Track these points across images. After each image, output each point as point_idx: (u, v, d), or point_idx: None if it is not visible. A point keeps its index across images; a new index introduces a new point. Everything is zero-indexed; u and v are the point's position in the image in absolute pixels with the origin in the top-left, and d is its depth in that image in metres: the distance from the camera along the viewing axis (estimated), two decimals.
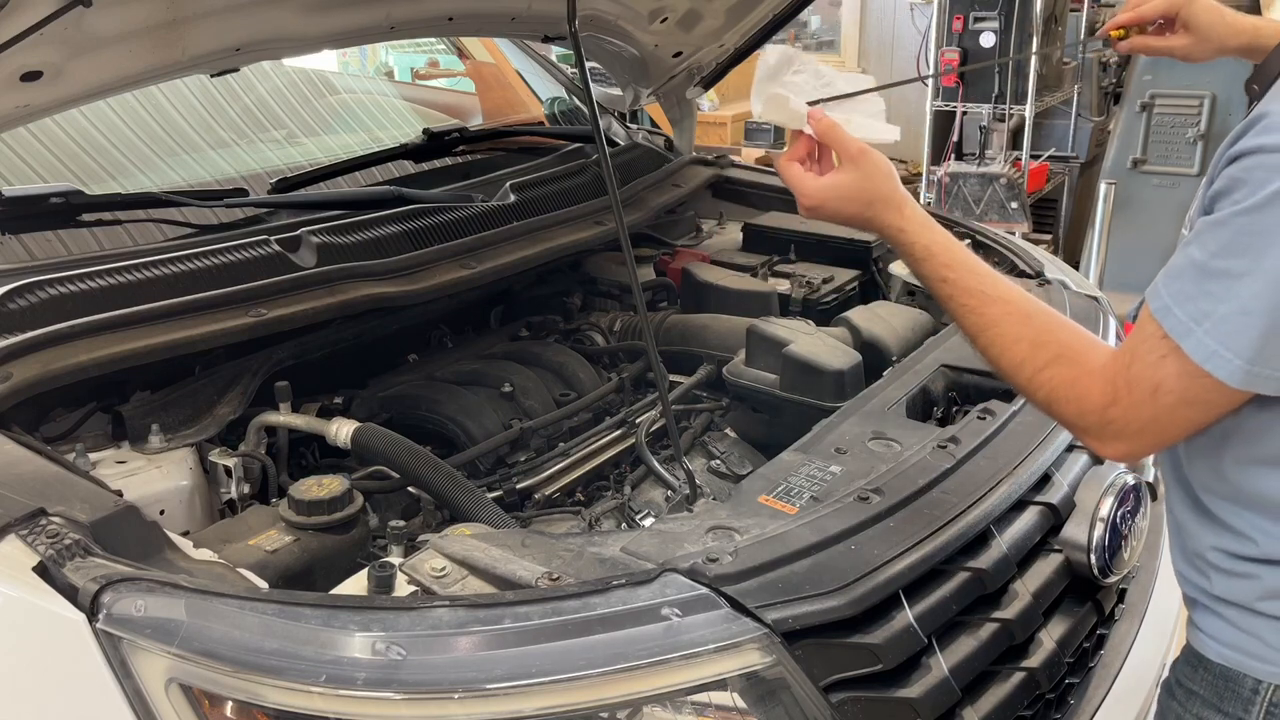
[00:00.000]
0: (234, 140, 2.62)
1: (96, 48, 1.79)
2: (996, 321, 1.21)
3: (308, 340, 1.94)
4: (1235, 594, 1.18)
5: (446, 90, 4.06)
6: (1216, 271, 1.06)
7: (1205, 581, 1.21)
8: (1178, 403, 1.09)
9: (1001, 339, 1.21)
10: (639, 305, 1.83)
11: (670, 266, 2.56)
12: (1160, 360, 1.09)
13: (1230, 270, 1.05)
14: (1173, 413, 1.10)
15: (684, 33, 2.71)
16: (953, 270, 1.25)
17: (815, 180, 1.30)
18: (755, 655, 1.18)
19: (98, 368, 1.62)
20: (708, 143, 6.79)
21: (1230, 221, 1.05)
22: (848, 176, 1.28)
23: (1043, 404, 1.21)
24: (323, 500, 1.48)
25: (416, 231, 2.15)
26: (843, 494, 1.44)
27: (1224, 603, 1.19)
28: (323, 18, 2.09)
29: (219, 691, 1.13)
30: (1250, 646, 1.16)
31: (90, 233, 2.06)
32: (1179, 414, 1.10)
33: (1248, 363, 1.04)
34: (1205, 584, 1.21)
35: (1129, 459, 1.26)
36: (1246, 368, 1.04)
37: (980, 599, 1.41)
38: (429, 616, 1.15)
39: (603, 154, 1.57)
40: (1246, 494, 1.16)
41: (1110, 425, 1.14)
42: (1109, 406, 1.13)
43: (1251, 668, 1.16)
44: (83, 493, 1.33)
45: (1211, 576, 1.20)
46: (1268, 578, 1.15)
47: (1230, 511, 1.17)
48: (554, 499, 1.86)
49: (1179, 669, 1.26)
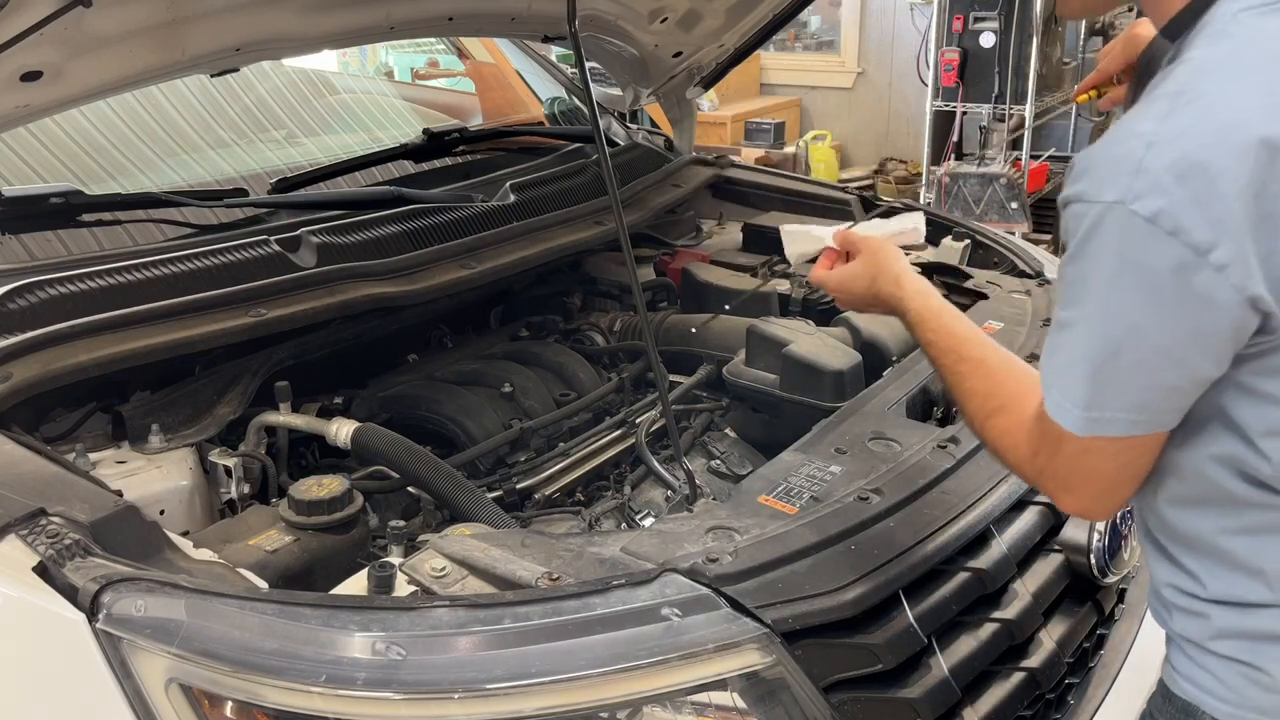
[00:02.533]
0: (234, 140, 2.62)
1: (96, 48, 1.79)
2: (965, 377, 1.29)
3: (308, 340, 1.94)
4: (1190, 632, 1.17)
5: (446, 90, 4.06)
6: (1057, 325, 1.09)
7: (1167, 617, 1.21)
8: (1079, 452, 1.09)
9: (965, 393, 1.28)
10: (639, 305, 1.83)
11: (670, 266, 2.56)
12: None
13: (1063, 321, 1.07)
14: (1080, 462, 1.10)
15: (684, 33, 2.71)
16: (937, 334, 1.35)
17: (834, 272, 1.55)
18: (755, 655, 1.18)
19: (98, 368, 1.62)
20: (708, 143, 6.80)
21: (1062, 273, 1.08)
22: (856, 263, 1.51)
23: (995, 454, 1.24)
24: (323, 500, 1.48)
25: (416, 231, 2.15)
26: (843, 494, 1.44)
27: (1184, 639, 1.19)
28: (323, 18, 2.09)
29: (219, 691, 1.13)
30: (1207, 683, 1.16)
31: (90, 233, 2.06)
32: (1088, 463, 1.10)
33: (1084, 409, 1.05)
34: (1167, 620, 1.21)
35: (1088, 516, 1.26)
36: (1084, 414, 1.05)
37: (980, 599, 1.42)
38: (429, 616, 1.15)
39: (603, 154, 1.58)
40: (1182, 535, 1.16)
41: (1043, 476, 1.16)
42: (1035, 456, 1.15)
43: (1210, 705, 1.15)
44: (83, 493, 1.33)
45: (1172, 613, 1.20)
46: (1217, 617, 1.14)
47: (1179, 550, 1.17)
48: (554, 499, 1.86)
49: (1153, 701, 1.26)
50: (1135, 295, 1.00)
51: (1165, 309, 0.99)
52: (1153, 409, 1.05)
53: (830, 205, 2.77)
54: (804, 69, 7.90)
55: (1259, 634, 1.12)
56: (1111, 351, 1.03)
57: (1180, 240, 0.96)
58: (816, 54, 8.02)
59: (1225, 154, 0.96)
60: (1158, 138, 0.98)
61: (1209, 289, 0.97)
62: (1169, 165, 0.97)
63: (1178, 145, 0.97)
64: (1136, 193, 0.97)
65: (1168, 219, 0.96)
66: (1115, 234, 0.99)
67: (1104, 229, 1.00)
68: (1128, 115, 1.06)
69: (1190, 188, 0.96)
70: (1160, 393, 1.04)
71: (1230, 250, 0.96)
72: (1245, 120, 0.97)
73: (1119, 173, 0.99)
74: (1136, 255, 0.98)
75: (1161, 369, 1.02)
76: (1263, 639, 1.12)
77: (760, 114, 7.47)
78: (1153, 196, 0.97)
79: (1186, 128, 0.98)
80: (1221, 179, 0.95)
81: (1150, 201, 0.97)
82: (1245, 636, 1.13)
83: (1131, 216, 0.97)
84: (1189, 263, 0.96)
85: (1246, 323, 0.99)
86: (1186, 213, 0.96)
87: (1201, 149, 0.97)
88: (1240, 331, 1.00)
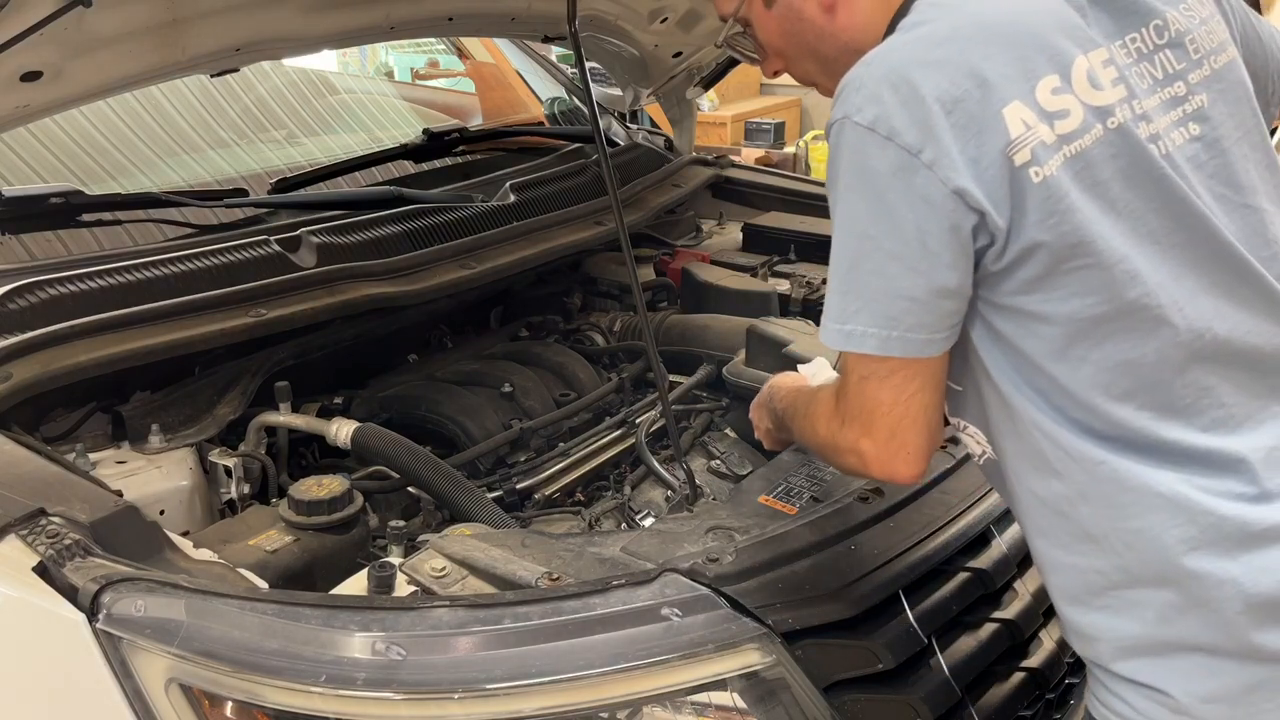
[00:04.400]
0: (234, 140, 2.63)
1: (96, 48, 1.79)
2: (803, 415, 1.34)
3: (308, 340, 1.94)
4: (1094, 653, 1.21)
5: (446, 90, 4.06)
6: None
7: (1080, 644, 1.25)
8: (857, 381, 1.14)
9: (809, 423, 1.31)
10: (639, 305, 1.83)
11: (670, 266, 2.56)
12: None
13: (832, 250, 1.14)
14: (862, 393, 1.14)
15: (684, 33, 2.71)
16: (784, 402, 1.47)
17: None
18: (755, 655, 1.18)
19: (98, 368, 1.63)
20: (708, 143, 6.80)
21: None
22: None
23: (824, 453, 1.28)
24: (323, 500, 1.48)
25: (416, 231, 2.15)
26: (843, 494, 1.44)
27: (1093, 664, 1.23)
28: (323, 18, 2.09)
29: (219, 692, 1.13)
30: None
31: (90, 233, 2.07)
32: (868, 393, 1.13)
33: (838, 323, 1.11)
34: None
35: (891, 470, 1.18)
36: (839, 329, 1.11)
37: (980, 599, 1.41)
38: (429, 616, 1.15)
39: (603, 154, 1.58)
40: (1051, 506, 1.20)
41: (845, 427, 1.18)
42: (837, 407, 1.19)
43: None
44: (83, 493, 1.33)
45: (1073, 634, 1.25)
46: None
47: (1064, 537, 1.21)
48: (554, 499, 1.85)
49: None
50: (864, 203, 1.08)
51: (891, 212, 1.07)
52: (900, 324, 1.09)
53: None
54: None
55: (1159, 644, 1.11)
56: (851, 261, 1.10)
57: (896, 143, 1.06)
58: None
59: (927, 66, 1.07)
60: (874, 58, 1.11)
61: (926, 188, 1.05)
62: (881, 77, 1.08)
63: (888, 60, 1.10)
64: (857, 105, 1.08)
65: (883, 124, 1.06)
66: (846, 147, 1.09)
67: (839, 146, 1.10)
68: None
69: (898, 95, 1.06)
70: (902, 304, 1.08)
71: (935, 150, 1.05)
72: (951, 41, 1.09)
73: (846, 92, 1.10)
74: (861, 161, 1.08)
75: (897, 276, 1.08)
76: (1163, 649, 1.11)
77: (760, 114, 7.47)
78: (870, 106, 1.07)
79: (898, 47, 1.12)
80: (923, 86, 1.06)
81: (868, 111, 1.07)
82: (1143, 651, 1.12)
83: (855, 127, 1.08)
84: (906, 164, 1.05)
85: (962, 220, 1.06)
86: (898, 116, 1.06)
87: (907, 63, 1.08)
88: (958, 231, 1.06)
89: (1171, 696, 1.10)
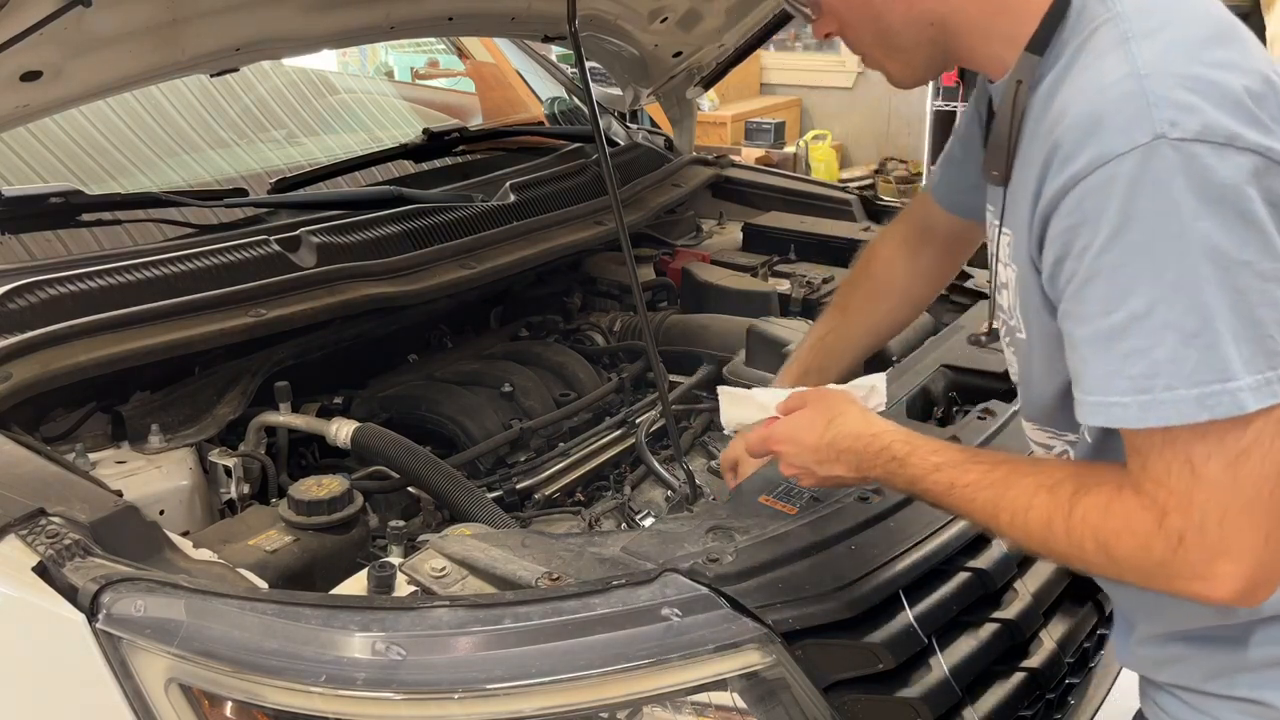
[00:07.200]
0: (234, 140, 2.63)
1: (96, 48, 1.79)
2: (1006, 485, 1.05)
3: (308, 340, 1.94)
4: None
5: (446, 90, 4.06)
6: (1120, 329, 0.92)
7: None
8: (1227, 466, 0.89)
9: (1014, 502, 1.04)
10: (639, 305, 1.83)
11: (670, 266, 2.56)
12: (1165, 448, 0.92)
13: (1136, 313, 0.90)
14: (1236, 482, 0.89)
15: (684, 33, 2.71)
16: (941, 455, 1.12)
17: (781, 422, 1.31)
18: (755, 655, 1.18)
19: (98, 368, 1.62)
20: (708, 143, 6.80)
21: (1096, 271, 0.93)
22: (807, 409, 1.29)
23: (1098, 556, 0.98)
24: (323, 500, 1.48)
25: (416, 231, 2.15)
26: (843, 494, 1.44)
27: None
28: (323, 18, 2.09)
29: (219, 692, 1.13)
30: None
31: (90, 233, 2.07)
32: (1245, 478, 0.89)
33: (1220, 381, 0.88)
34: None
35: (1253, 582, 0.92)
36: (1241, 385, 0.88)
37: (980, 599, 1.41)
38: (429, 616, 1.15)
39: (603, 154, 1.58)
40: None
41: (1183, 545, 0.92)
42: (1164, 518, 0.92)
43: None
44: (83, 493, 1.33)
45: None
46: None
47: None
48: (554, 499, 1.85)
49: None
50: (1222, 227, 0.88)
51: (1262, 226, 0.88)
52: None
53: (830, 205, 2.77)
54: (804, 69, 7.90)
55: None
56: (1231, 301, 0.88)
57: (1236, 147, 0.88)
58: (817, 53, 8.00)
59: (1211, 67, 0.92)
60: (1144, 70, 0.91)
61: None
62: (1176, 85, 0.90)
63: (1168, 68, 0.91)
64: (1168, 120, 0.88)
65: (1217, 131, 0.88)
66: (1168, 172, 0.88)
67: (1150, 177, 0.89)
68: (1072, 89, 0.98)
69: (1212, 98, 0.89)
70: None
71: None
72: (1204, 40, 0.94)
73: (1135, 115, 0.90)
74: (1201, 180, 0.88)
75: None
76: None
77: (760, 114, 7.47)
78: (1187, 117, 0.88)
79: (1160, 55, 0.93)
80: (1229, 84, 0.90)
81: (1187, 122, 0.88)
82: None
83: (1177, 145, 0.88)
84: (1260, 166, 0.89)
85: None
86: (1229, 119, 0.88)
87: (1191, 65, 0.91)
88: None
89: (1273, 707, 1.09)
